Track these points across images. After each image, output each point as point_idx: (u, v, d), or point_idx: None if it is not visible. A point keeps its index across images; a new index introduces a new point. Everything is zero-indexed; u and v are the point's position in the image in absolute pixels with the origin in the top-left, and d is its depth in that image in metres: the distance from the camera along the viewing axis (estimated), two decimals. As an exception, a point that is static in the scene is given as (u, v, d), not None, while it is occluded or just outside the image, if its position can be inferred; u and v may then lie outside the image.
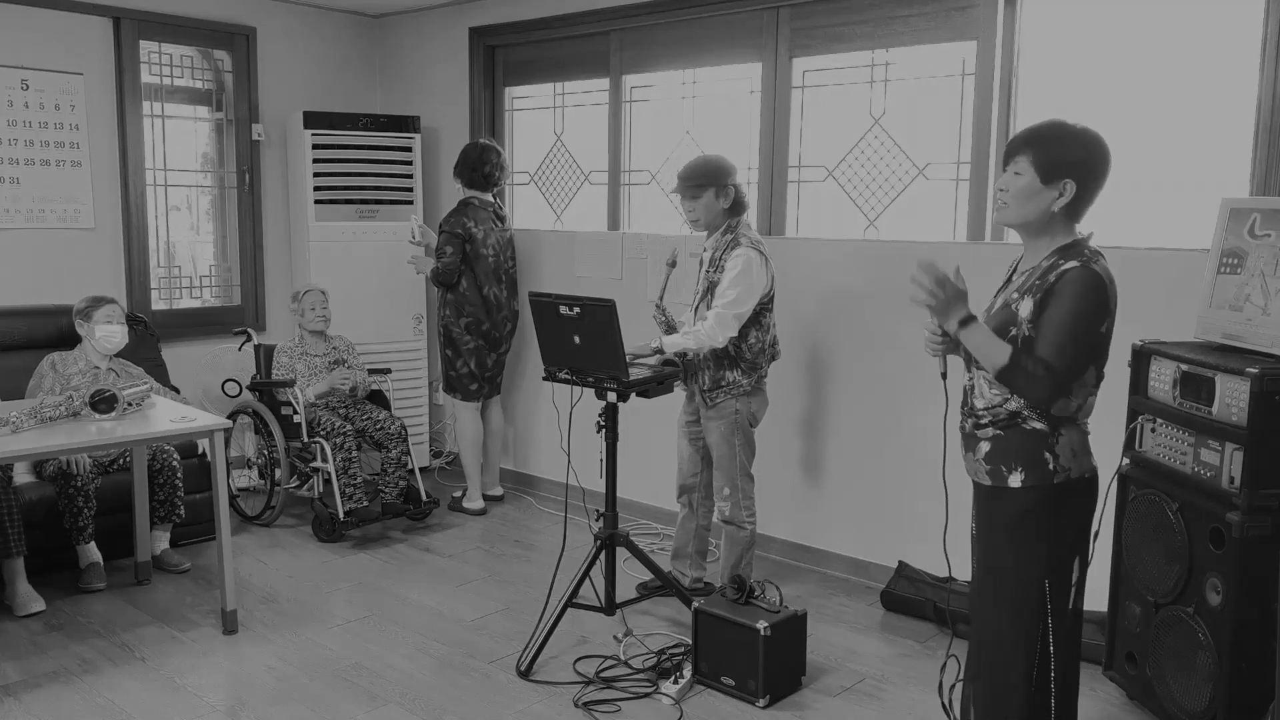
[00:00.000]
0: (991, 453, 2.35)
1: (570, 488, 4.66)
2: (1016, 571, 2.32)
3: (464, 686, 3.38)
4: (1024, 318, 2.27)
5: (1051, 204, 2.26)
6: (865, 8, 4.23)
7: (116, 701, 3.25)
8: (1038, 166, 2.25)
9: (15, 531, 3.86)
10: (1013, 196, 2.29)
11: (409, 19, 5.95)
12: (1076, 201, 2.27)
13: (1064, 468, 2.29)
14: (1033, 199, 2.27)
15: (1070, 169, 2.24)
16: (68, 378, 4.17)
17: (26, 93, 4.89)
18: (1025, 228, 2.33)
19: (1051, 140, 2.27)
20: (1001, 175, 2.34)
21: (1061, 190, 2.25)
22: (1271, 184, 3.33)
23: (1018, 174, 2.28)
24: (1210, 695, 2.85)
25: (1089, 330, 2.23)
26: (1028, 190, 2.27)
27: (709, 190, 3.68)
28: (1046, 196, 2.26)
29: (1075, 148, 2.26)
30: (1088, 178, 2.26)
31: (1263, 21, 3.32)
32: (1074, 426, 2.32)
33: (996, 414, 2.34)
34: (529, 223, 5.64)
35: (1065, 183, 2.25)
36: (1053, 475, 2.28)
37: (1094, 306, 2.22)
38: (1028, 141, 2.28)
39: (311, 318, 5.01)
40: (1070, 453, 2.30)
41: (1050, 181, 2.25)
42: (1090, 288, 2.21)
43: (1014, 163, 2.29)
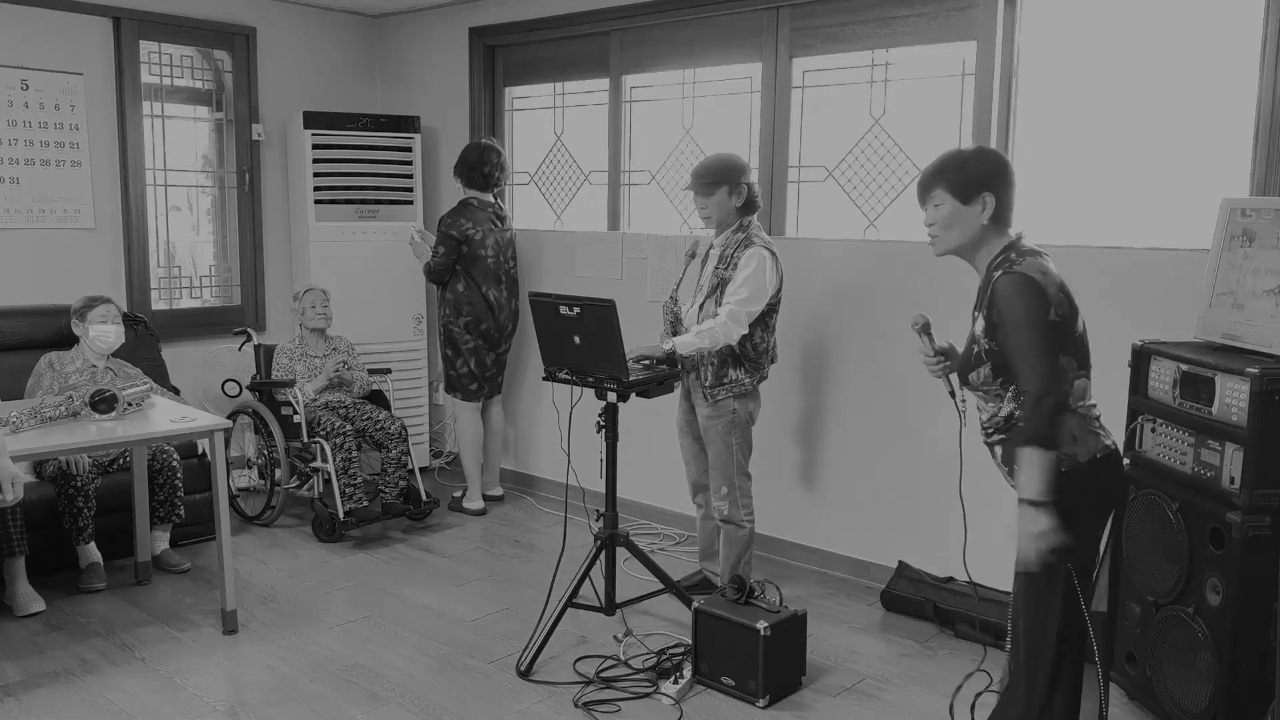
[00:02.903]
0: (1004, 455, 2.48)
1: (570, 488, 4.66)
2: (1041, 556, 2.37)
3: (464, 686, 3.38)
4: (978, 334, 2.44)
5: (979, 219, 2.43)
6: (865, 8, 4.23)
7: (116, 702, 3.25)
8: (954, 192, 2.43)
9: (17, 531, 3.86)
10: (941, 227, 2.47)
11: (409, 19, 5.95)
12: (999, 210, 2.43)
13: (1067, 455, 2.36)
14: (959, 221, 2.44)
15: (983, 183, 2.42)
16: (65, 376, 4.17)
17: (26, 93, 4.89)
18: (962, 250, 2.49)
19: (956, 166, 2.46)
20: (924, 213, 2.50)
21: (984, 204, 2.42)
22: (1271, 184, 3.33)
23: (938, 205, 2.46)
24: (1210, 695, 2.85)
25: (1036, 329, 2.31)
26: (952, 216, 2.45)
27: (722, 188, 3.68)
28: (971, 214, 2.43)
29: (979, 165, 2.46)
30: (1000, 185, 2.44)
31: (1263, 21, 3.32)
32: (1070, 413, 2.39)
33: (997, 424, 2.47)
34: (529, 223, 5.65)
35: (984, 196, 2.42)
36: (1058, 464, 2.34)
37: (1031, 305, 2.31)
38: (936, 175, 2.47)
39: (312, 316, 5.01)
40: (1070, 439, 2.37)
41: (969, 201, 2.43)
42: (1019, 290, 2.32)
43: (930, 198, 2.48)
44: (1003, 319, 2.34)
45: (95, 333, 4.24)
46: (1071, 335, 2.38)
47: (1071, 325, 2.38)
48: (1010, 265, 2.37)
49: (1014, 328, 2.32)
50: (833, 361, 4.34)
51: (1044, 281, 2.34)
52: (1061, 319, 2.35)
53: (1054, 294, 2.34)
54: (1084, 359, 2.42)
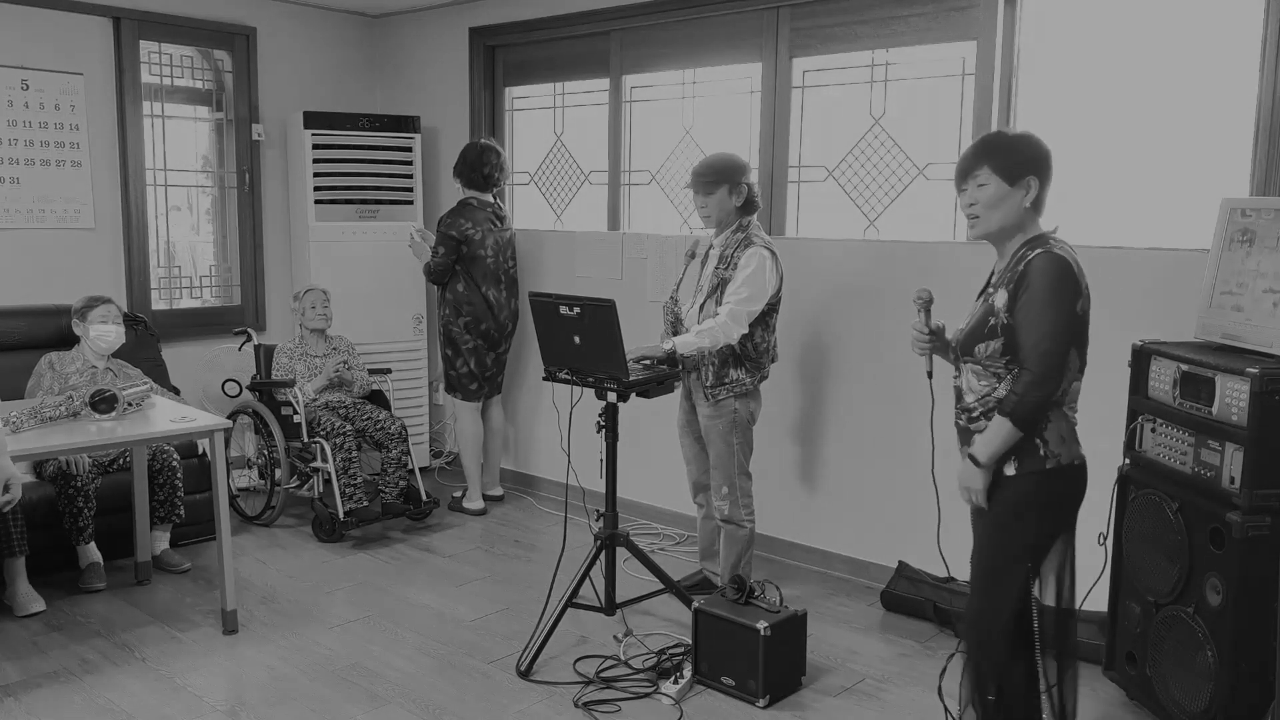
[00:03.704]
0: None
1: (570, 488, 4.66)
2: (1004, 553, 2.39)
3: (464, 686, 3.38)
4: (1000, 307, 2.38)
5: (1021, 202, 2.39)
6: (865, 8, 4.23)
7: (116, 701, 3.25)
8: (1001, 172, 2.38)
9: (17, 531, 3.86)
10: (984, 206, 2.41)
11: (409, 19, 5.95)
12: (1041, 195, 2.41)
13: (1054, 454, 2.36)
14: (1003, 203, 2.39)
15: (1030, 166, 2.39)
16: (65, 376, 4.17)
17: (26, 93, 4.89)
18: (1000, 233, 2.44)
19: (1005, 147, 2.42)
20: (963, 194, 2.45)
21: (1028, 188, 2.39)
22: (1271, 184, 3.33)
23: (982, 185, 2.41)
24: (1210, 695, 2.85)
25: (1063, 315, 2.30)
26: (997, 196, 2.39)
27: (722, 187, 3.69)
28: (1015, 197, 2.39)
29: (1027, 148, 2.41)
30: (1045, 171, 2.41)
31: (1263, 21, 3.32)
32: (1060, 414, 2.39)
33: (987, 403, 2.43)
34: (529, 223, 5.65)
35: (1029, 180, 2.39)
36: (1044, 461, 2.35)
37: (1064, 289, 2.30)
38: (982, 154, 2.42)
39: (312, 316, 5.02)
40: (1059, 439, 2.37)
41: (1015, 182, 2.38)
42: (1057, 272, 2.30)
43: (973, 178, 2.42)
44: (1032, 294, 2.30)
45: (95, 333, 4.24)
46: (1085, 334, 2.38)
47: (1087, 324, 2.38)
48: (1049, 245, 2.35)
49: (1041, 305, 2.29)
50: (833, 361, 4.34)
51: (1079, 269, 2.34)
52: (1084, 314, 2.35)
53: (1084, 287, 2.34)
54: (1085, 362, 2.42)
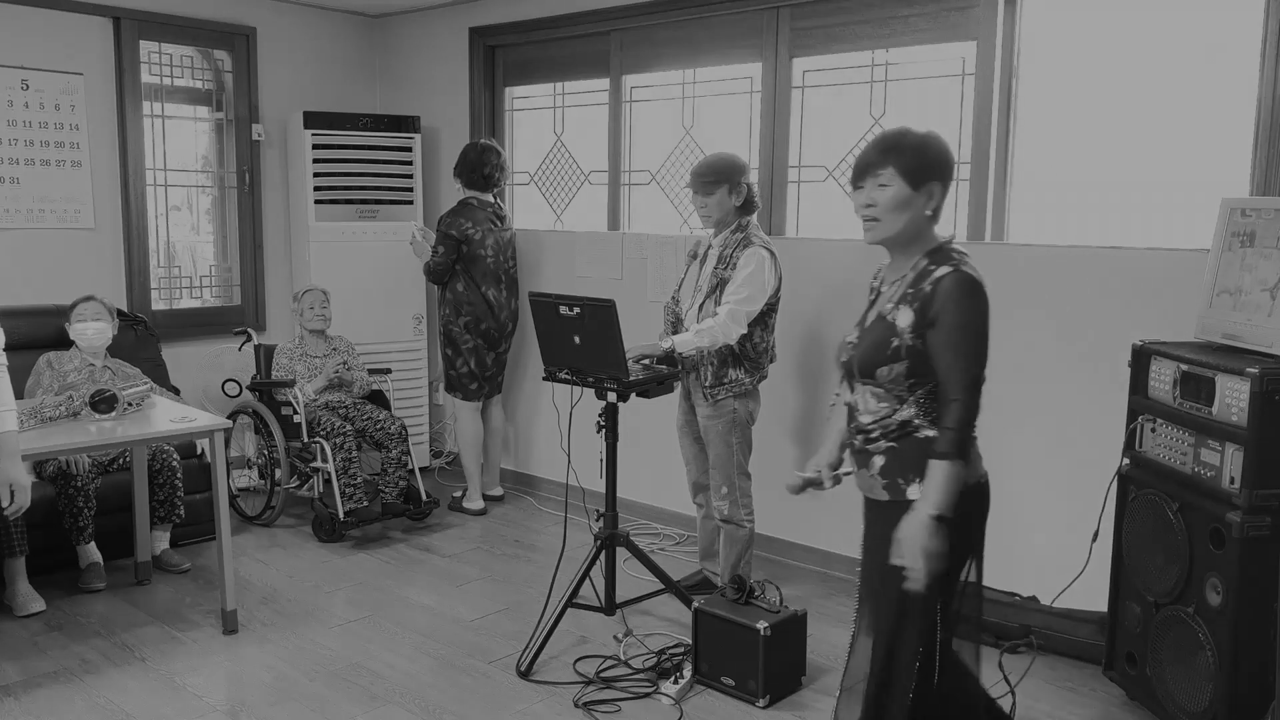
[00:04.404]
0: (887, 466, 2.27)
1: (570, 488, 4.66)
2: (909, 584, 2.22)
3: (464, 686, 3.38)
4: (903, 328, 2.22)
5: (923, 209, 2.24)
6: (865, 8, 4.23)
7: (116, 701, 3.25)
8: (905, 174, 2.22)
9: (18, 531, 3.86)
10: (883, 210, 2.24)
11: (409, 19, 5.95)
12: (941, 202, 2.28)
13: (969, 471, 2.23)
14: (905, 208, 2.23)
15: (935, 171, 2.25)
16: (64, 375, 4.17)
17: (26, 93, 4.89)
18: (897, 239, 2.28)
19: (912, 148, 2.24)
20: (859, 192, 2.28)
21: (930, 194, 2.24)
22: (1271, 184, 3.33)
23: (884, 186, 2.23)
24: (1210, 695, 2.85)
25: (979, 341, 2.19)
26: (898, 200, 2.22)
27: (722, 187, 3.69)
28: (917, 203, 2.23)
29: (934, 151, 2.26)
30: (949, 178, 2.28)
31: (1263, 21, 3.32)
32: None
33: (887, 426, 2.27)
34: (529, 223, 5.65)
35: (933, 185, 2.24)
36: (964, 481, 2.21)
37: (977, 312, 2.18)
38: (887, 152, 2.24)
39: (310, 316, 5.02)
40: (975, 457, 2.26)
41: (919, 187, 2.23)
42: (967, 294, 2.17)
43: (874, 176, 2.24)
44: (944, 319, 2.16)
45: (75, 332, 4.28)
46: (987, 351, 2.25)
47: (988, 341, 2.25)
48: (957, 264, 2.20)
49: (959, 330, 2.15)
50: (832, 361, 4.33)
51: (984, 286, 2.21)
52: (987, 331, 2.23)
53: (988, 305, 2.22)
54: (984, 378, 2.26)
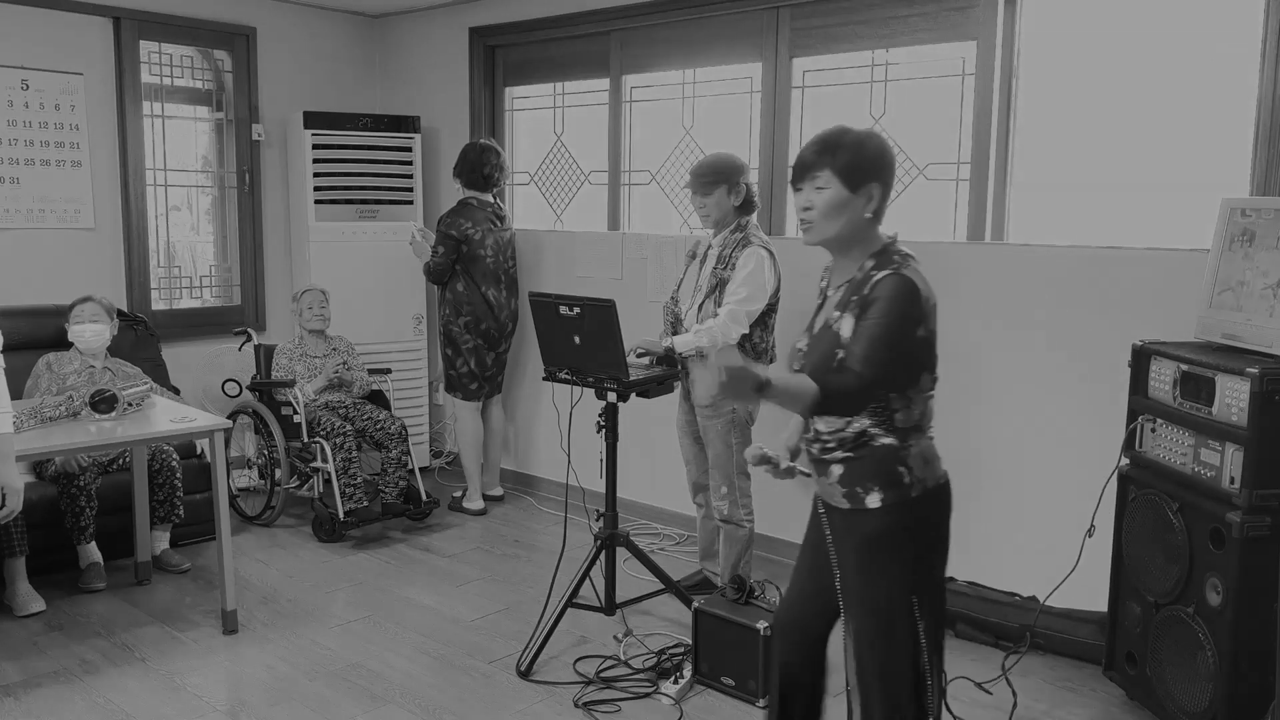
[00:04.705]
0: (846, 475, 2.25)
1: (570, 488, 4.66)
2: (887, 594, 2.23)
3: (464, 686, 3.38)
4: (847, 337, 2.19)
5: (862, 211, 2.20)
6: (865, 8, 4.23)
7: (116, 701, 3.25)
8: (842, 176, 2.18)
9: (18, 531, 3.86)
10: (820, 212, 2.21)
11: (409, 19, 5.95)
12: (882, 203, 2.23)
13: (919, 479, 2.22)
14: (843, 210, 2.20)
15: (874, 172, 2.20)
16: (64, 377, 4.17)
17: (26, 93, 4.89)
18: (836, 241, 2.25)
19: (849, 148, 2.19)
20: (799, 194, 2.24)
21: (870, 196, 2.20)
22: (1271, 184, 3.33)
23: (821, 188, 2.19)
24: (1210, 695, 2.85)
25: (901, 338, 2.15)
26: (836, 202, 2.19)
27: (721, 187, 3.69)
28: (855, 205, 2.19)
29: (872, 151, 2.21)
30: (888, 179, 2.23)
31: (1263, 21, 3.32)
32: (921, 435, 2.26)
33: (842, 438, 2.24)
34: (529, 223, 5.65)
35: (872, 187, 2.20)
36: (910, 489, 2.21)
37: (906, 313, 2.15)
38: (824, 153, 2.20)
39: (309, 317, 5.02)
40: (922, 462, 2.24)
41: (858, 189, 2.18)
42: (902, 294, 2.14)
43: (812, 178, 2.21)
44: (870, 313, 2.14)
45: (74, 334, 4.27)
46: (934, 353, 2.25)
47: (935, 343, 2.25)
48: (898, 266, 2.18)
49: (879, 324, 2.13)
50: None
51: (925, 292, 2.19)
52: (929, 334, 2.22)
53: (929, 308, 2.20)
54: (936, 380, 2.29)
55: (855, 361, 2.13)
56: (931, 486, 2.25)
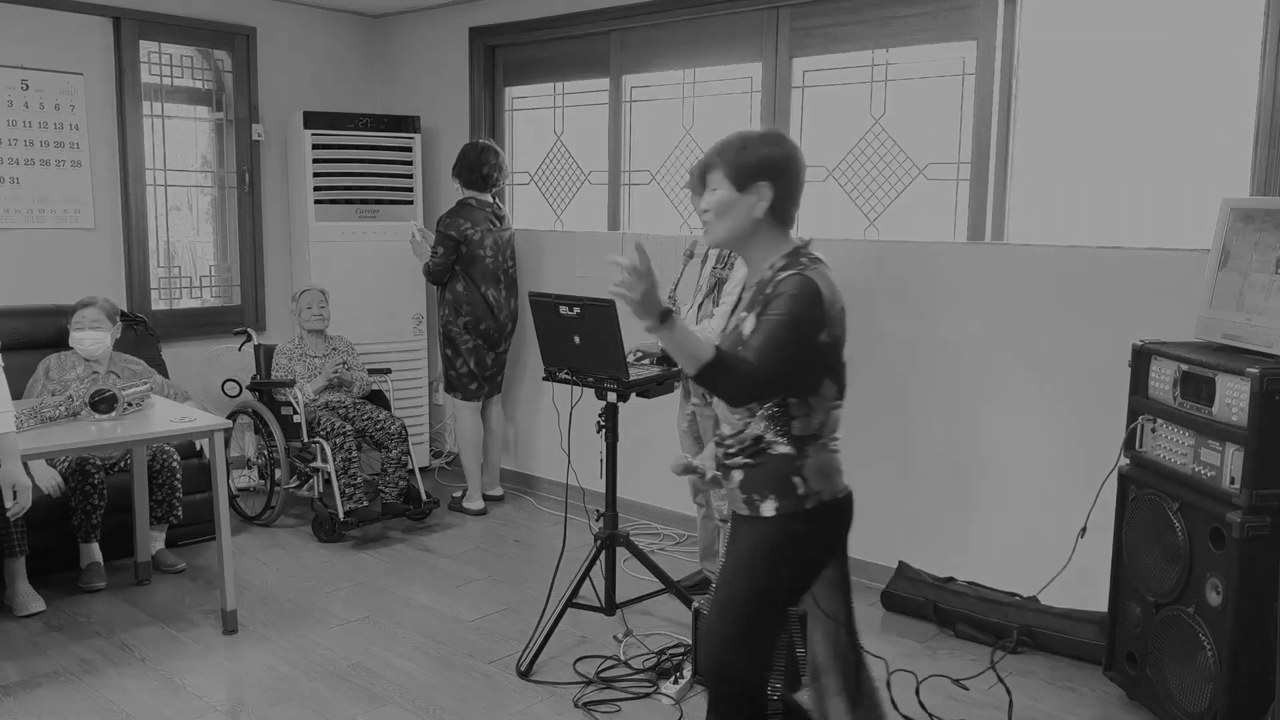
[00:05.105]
0: (745, 482, 2.25)
1: (570, 488, 4.66)
2: (763, 597, 2.23)
3: (464, 686, 3.38)
4: (747, 337, 2.18)
5: (752, 210, 2.21)
6: (865, 8, 4.23)
7: (116, 701, 3.25)
8: (730, 176, 2.21)
9: (18, 531, 3.86)
10: (714, 213, 2.24)
11: (409, 19, 5.95)
12: (779, 204, 2.21)
13: (814, 491, 2.20)
14: (733, 210, 2.22)
15: (760, 171, 2.19)
16: (65, 384, 4.14)
17: (26, 93, 4.89)
18: (737, 243, 2.27)
19: (736, 148, 2.22)
20: (700, 198, 2.30)
21: (759, 194, 2.20)
22: (1271, 184, 3.33)
23: (714, 190, 2.24)
24: (1210, 695, 2.85)
25: (798, 336, 2.12)
26: (725, 203, 2.22)
27: None
28: (743, 205, 2.21)
29: (760, 150, 2.21)
30: (780, 177, 2.21)
31: (1263, 21, 3.32)
32: (820, 447, 2.23)
33: (743, 442, 2.24)
34: (529, 223, 5.65)
35: (759, 185, 2.19)
36: (804, 500, 2.19)
37: (804, 312, 2.12)
38: (714, 155, 2.25)
39: (309, 317, 5.02)
40: (819, 474, 2.21)
41: (745, 188, 2.20)
42: (802, 294, 2.13)
43: (709, 181, 2.25)
44: (773, 310, 2.13)
45: (74, 340, 4.23)
46: (838, 361, 2.21)
47: (840, 350, 2.21)
48: (803, 268, 2.17)
49: (777, 322, 2.11)
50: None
51: (830, 297, 2.16)
52: (834, 341, 2.18)
53: (834, 314, 2.17)
54: (844, 389, 2.25)
55: (750, 353, 2.12)
56: (828, 500, 2.21)
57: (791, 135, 4.52)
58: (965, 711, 3.20)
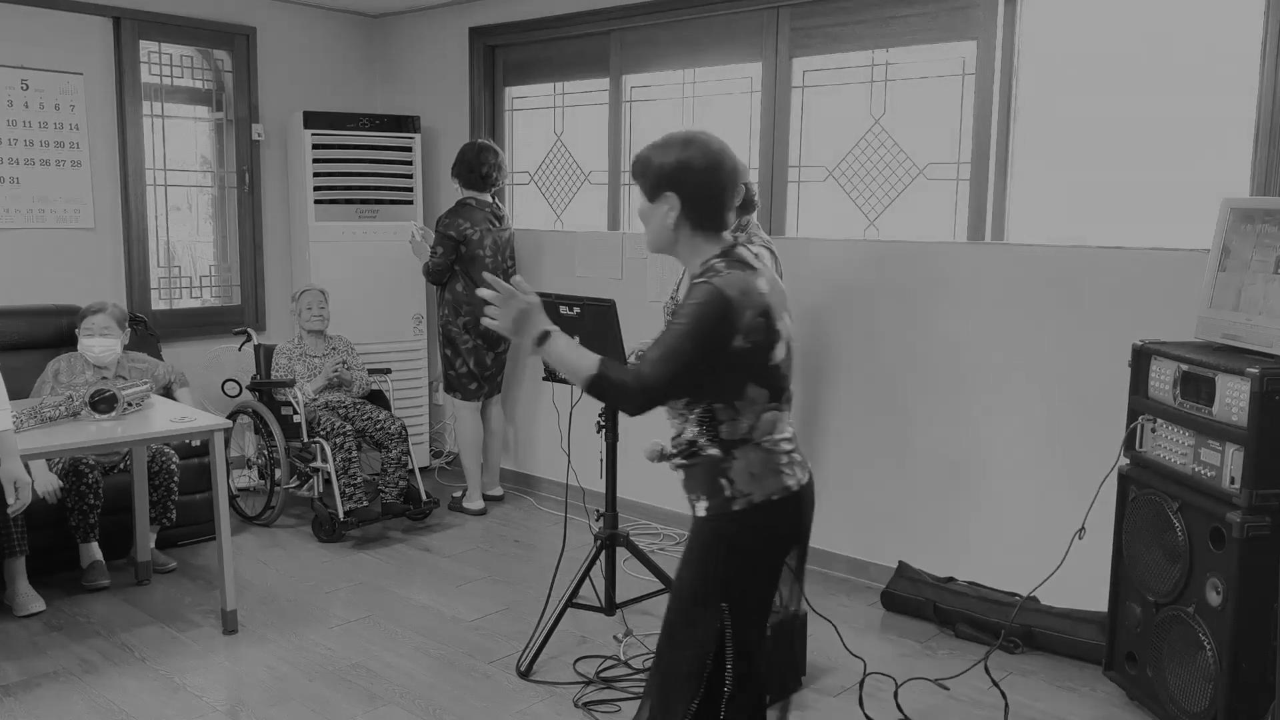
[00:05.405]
0: (685, 482, 2.26)
1: (570, 488, 4.66)
2: (697, 595, 2.21)
3: (464, 686, 3.38)
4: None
5: (665, 219, 2.17)
6: (865, 8, 4.23)
7: (116, 701, 3.25)
8: (642, 188, 2.20)
9: (18, 531, 3.86)
10: (643, 224, 2.24)
11: (409, 19, 5.95)
12: (691, 211, 2.16)
13: (741, 493, 2.15)
14: (649, 220, 2.20)
15: (665, 180, 2.16)
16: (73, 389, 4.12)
17: (26, 93, 4.89)
18: (665, 250, 2.24)
19: (640, 160, 2.21)
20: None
21: (667, 203, 2.16)
22: (1271, 184, 3.33)
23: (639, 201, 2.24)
24: (1210, 695, 2.85)
25: (698, 347, 2.07)
26: (644, 213, 2.21)
27: None
28: (658, 213, 2.18)
29: (664, 157, 2.17)
30: (685, 183, 2.15)
31: (1263, 21, 3.32)
32: (753, 448, 2.17)
33: (680, 445, 2.24)
34: (529, 223, 5.65)
35: (666, 195, 2.16)
36: (730, 502, 2.15)
37: (708, 325, 2.07)
38: (633, 165, 2.24)
39: (309, 317, 5.02)
40: (748, 476, 2.16)
41: (655, 198, 2.18)
42: (704, 304, 2.07)
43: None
44: (675, 317, 2.10)
45: (83, 346, 4.21)
46: (764, 364, 2.14)
47: (765, 354, 2.14)
48: (711, 275, 2.11)
49: (675, 328, 2.08)
50: (832, 361, 4.34)
51: (740, 302, 2.08)
52: (754, 346, 2.11)
53: (749, 319, 2.09)
54: (779, 390, 2.19)
55: (645, 362, 2.10)
56: (759, 501, 2.17)
57: (791, 135, 4.52)
58: (965, 711, 3.20)
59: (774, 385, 2.17)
